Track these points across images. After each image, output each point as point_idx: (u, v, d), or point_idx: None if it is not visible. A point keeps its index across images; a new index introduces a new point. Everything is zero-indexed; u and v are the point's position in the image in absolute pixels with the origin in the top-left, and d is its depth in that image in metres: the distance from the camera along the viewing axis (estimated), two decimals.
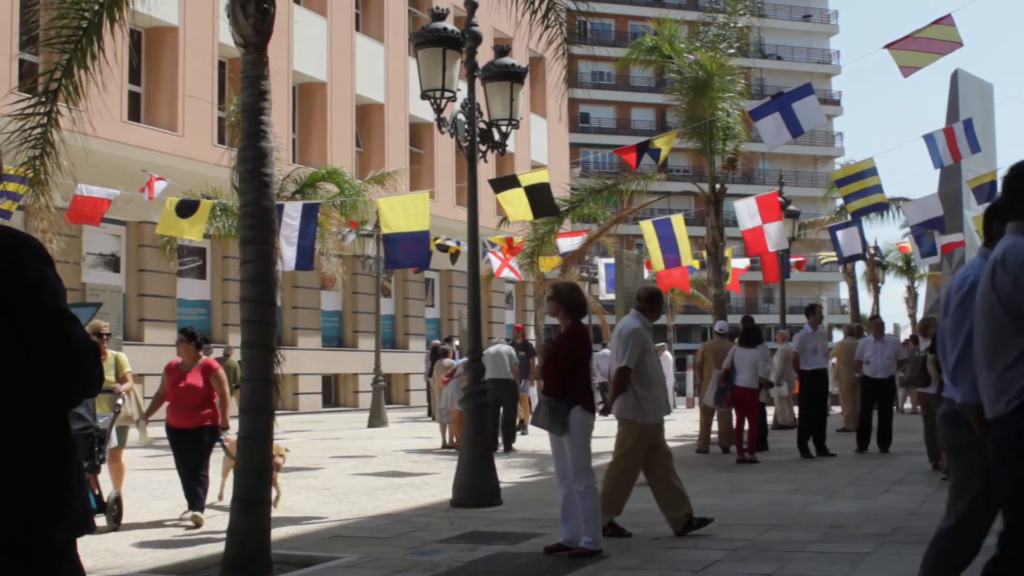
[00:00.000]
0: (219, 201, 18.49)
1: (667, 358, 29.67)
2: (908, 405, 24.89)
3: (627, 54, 20.78)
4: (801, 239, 26.37)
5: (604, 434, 9.47)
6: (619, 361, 7.68)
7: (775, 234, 19.06)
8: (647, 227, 19.23)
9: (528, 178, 13.87)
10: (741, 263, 27.23)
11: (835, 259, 28.02)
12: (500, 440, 15.93)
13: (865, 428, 14.46)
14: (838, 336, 30.91)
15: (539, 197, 13.33)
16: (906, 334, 32.07)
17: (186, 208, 16.83)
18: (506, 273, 25.44)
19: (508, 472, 12.47)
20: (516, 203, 13.67)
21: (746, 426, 13.81)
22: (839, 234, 22.19)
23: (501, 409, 15.84)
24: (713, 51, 19.19)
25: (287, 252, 15.94)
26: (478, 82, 10.78)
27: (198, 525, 8.71)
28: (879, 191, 19.05)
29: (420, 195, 16.58)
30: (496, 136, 10.90)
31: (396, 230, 15.47)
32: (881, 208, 20.86)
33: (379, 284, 25.07)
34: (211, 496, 9.46)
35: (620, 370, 7.66)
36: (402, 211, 15.55)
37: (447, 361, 17.79)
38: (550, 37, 10.10)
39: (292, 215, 16.24)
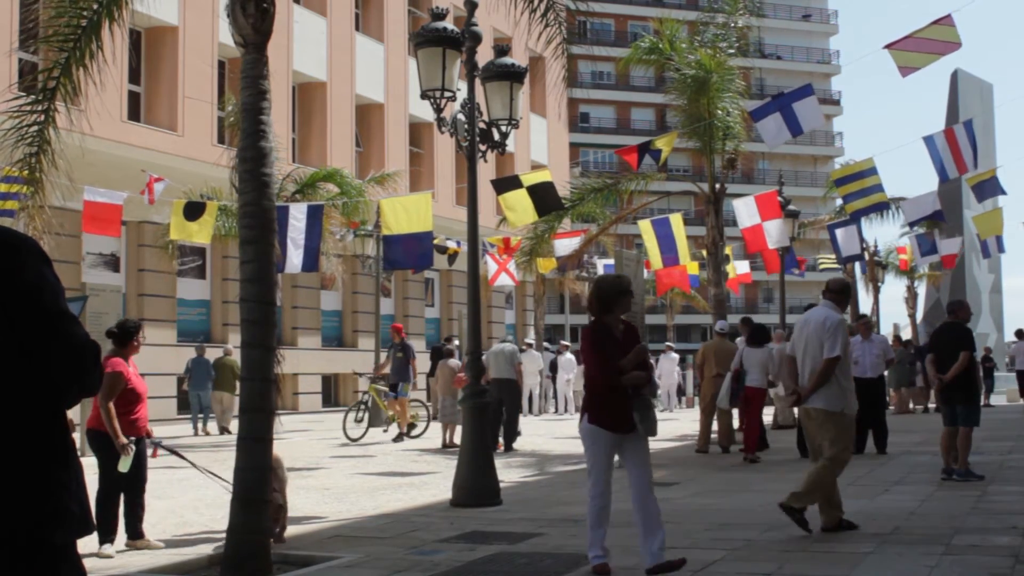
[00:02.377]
0: (223, 203, 18.51)
1: (671, 358, 29.65)
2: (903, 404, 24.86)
3: (628, 55, 20.77)
4: (801, 239, 26.38)
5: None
6: (829, 352, 7.61)
7: (775, 232, 19.06)
8: (645, 226, 19.24)
9: (530, 178, 13.88)
10: (742, 266, 27.20)
11: (833, 264, 27.96)
12: (501, 439, 15.93)
13: (860, 429, 14.41)
14: None
15: (543, 195, 13.33)
16: (906, 335, 32.07)
17: (193, 210, 16.85)
18: (501, 280, 25.44)
19: (508, 472, 12.47)
20: (517, 206, 13.66)
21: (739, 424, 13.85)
22: (838, 232, 22.18)
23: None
24: (713, 50, 19.19)
25: (294, 255, 15.92)
26: (478, 82, 10.77)
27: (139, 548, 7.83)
28: (880, 190, 19.03)
29: (423, 195, 16.60)
30: (496, 136, 10.89)
31: (397, 231, 15.49)
32: (882, 208, 20.83)
33: (379, 284, 25.06)
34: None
35: (832, 360, 7.60)
36: (404, 212, 15.58)
37: (452, 362, 17.76)
38: (549, 36, 10.10)
39: (298, 217, 16.23)
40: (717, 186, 19.03)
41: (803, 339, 7.86)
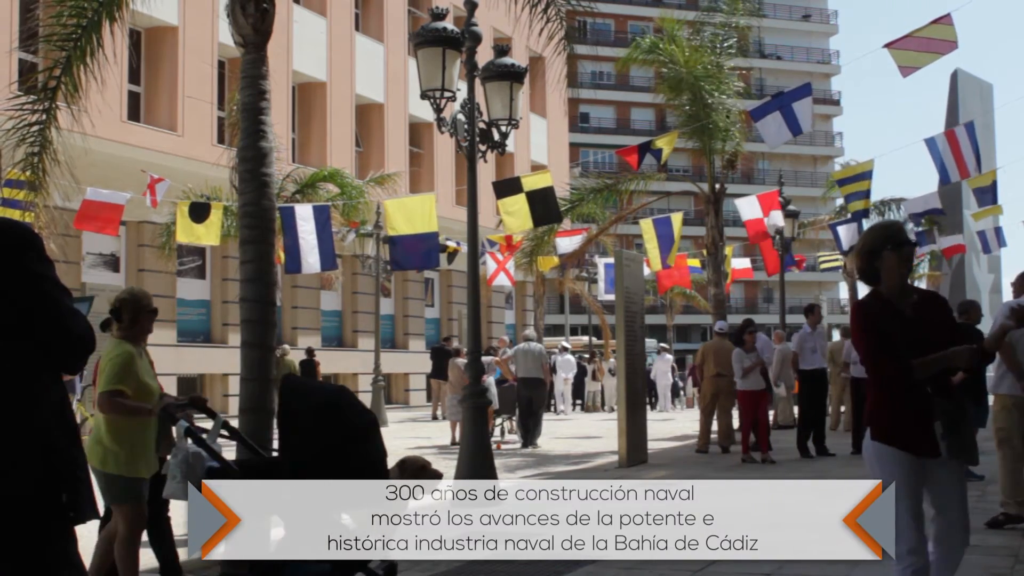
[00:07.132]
0: (229, 204, 18.52)
1: (665, 359, 29.69)
2: None
3: (627, 54, 20.79)
4: (801, 239, 26.38)
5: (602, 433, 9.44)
6: None
7: (775, 217, 19.25)
8: (646, 226, 19.27)
9: (531, 182, 13.85)
10: (743, 263, 27.21)
11: (835, 264, 27.85)
12: (518, 436, 16.23)
13: (857, 429, 14.41)
14: (837, 336, 30.85)
15: (540, 204, 13.31)
16: None
17: (198, 212, 16.87)
18: (499, 281, 25.44)
19: (508, 472, 12.46)
20: (515, 212, 13.66)
21: (737, 424, 13.84)
22: (840, 229, 22.23)
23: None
24: (699, 51, 19.22)
25: (309, 255, 15.99)
26: (478, 82, 10.77)
27: None
28: (867, 196, 19.15)
29: (427, 196, 16.68)
30: (496, 136, 10.88)
31: (402, 232, 15.57)
32: (863, 216, 20.73)
33: (379, 284, 25.08)
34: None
35: None
36: (409, 213, 15.69)
37: (460, 360, 17.80)
38: (550, 32, 10.09)
39: (305, 217, 16.28)
40: (717, 186, 19.04)
41: None
